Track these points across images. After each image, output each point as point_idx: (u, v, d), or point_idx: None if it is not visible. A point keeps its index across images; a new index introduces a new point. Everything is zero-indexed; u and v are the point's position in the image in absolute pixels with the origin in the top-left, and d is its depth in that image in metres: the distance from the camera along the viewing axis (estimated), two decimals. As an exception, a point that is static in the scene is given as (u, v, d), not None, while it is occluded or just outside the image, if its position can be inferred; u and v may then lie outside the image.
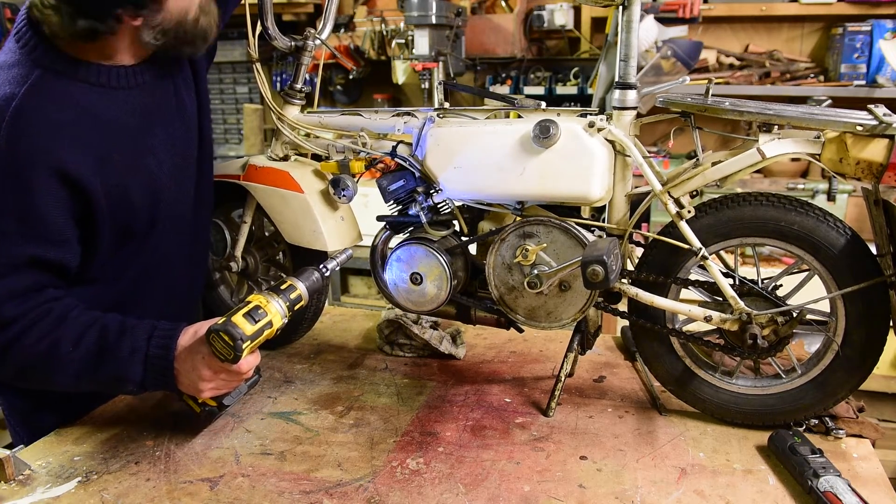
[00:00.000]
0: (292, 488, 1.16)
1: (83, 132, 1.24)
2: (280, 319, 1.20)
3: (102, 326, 1.23)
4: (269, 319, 1.18)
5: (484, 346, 1.73)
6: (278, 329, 1.21)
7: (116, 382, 1.24)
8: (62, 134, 1.21)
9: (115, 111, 1.30)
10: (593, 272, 1.14)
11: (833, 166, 1.15)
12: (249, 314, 1.16)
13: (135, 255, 1.39)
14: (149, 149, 1.36)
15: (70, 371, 1.22)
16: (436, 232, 1.39)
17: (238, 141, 4.14)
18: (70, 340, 1.21)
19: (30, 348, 1.20)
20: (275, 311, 1.19)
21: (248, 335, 1.15)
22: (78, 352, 1.21)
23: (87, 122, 1.25)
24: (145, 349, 1.21)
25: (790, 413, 1.27)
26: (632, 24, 1.23)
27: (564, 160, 1.24)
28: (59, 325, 1.21)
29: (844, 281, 1.19)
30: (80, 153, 1.22)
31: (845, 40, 3.01)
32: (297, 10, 3.67)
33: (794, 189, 2.89)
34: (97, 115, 1.26)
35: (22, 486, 1.17)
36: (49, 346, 1.20)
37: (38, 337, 1.20)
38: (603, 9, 3.24)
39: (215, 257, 1.67)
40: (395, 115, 1.41)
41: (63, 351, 1.20)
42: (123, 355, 1.21)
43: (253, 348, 1.18)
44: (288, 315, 1.21)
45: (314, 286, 1.26)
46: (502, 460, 1.23)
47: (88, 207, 1.25)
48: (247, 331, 1.15)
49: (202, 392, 1.22)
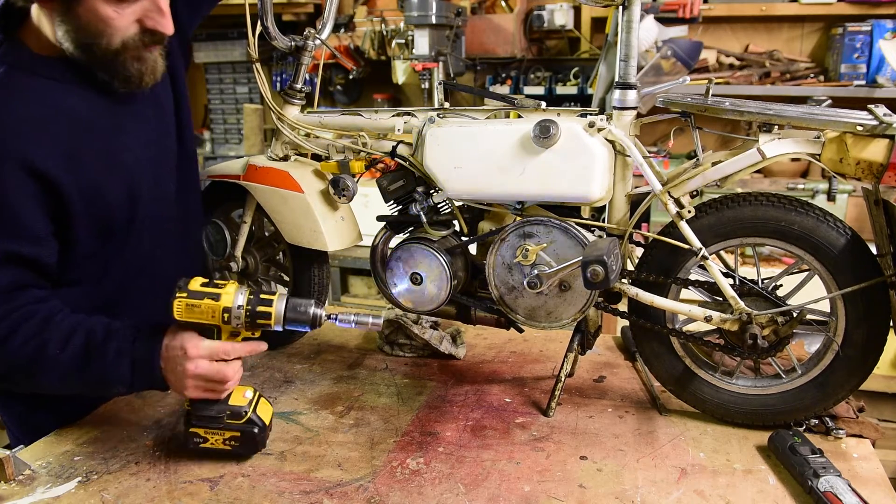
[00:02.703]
0: (292, 488, 1.16)
1: (51, 128, 1.24)
2: (230, 301, 1.16)
3: (89, 329, 1.22)
4: (219, 293, 1.16)
5: (484, 346, 1.73)
6: (225, 314, 1.16)
7: (104, 384, 1.23)
8: (29, 129, 1.21)
9: (84, 108, 1.29)
10: (593, 272, 1.14)
11: (833, 166, 1.15)
12: (208, 283, 1.18)
13: (117, 254, 1.37)
14: (123, 145, 1.35)
15: (57, 373, 1.21)
16: (436, 232, 1.39)
17: (238, 141, 4.14)
18: (57, 343, 1.20)
19: (16, 350, 1.19)
20: (229, 293, 1.16)
21: (189, 288, 1.16)
22: (65, 354, 1.20)
23: (54, 118, 1.25)
24: (131, 350, 1.20)
25: (790, 413, 1.27)
26: (632, 24, 1.23)
27: (564, 160, 1.24)
28: (45, 327, 1.20)
29: (844, 281, 1.19)
30: (48, 149, 1.22)
31: (845, 40, 3.01)
32: (297, 10, 3.67)
33: (794, 189, 2.89)
34: (65, 111, 1.26)
35: (22, 486, 1.17)
36: (35, 348, 1.19)
37: (24, 339, 1.19)
38: (603, 9, 3.24)
39: (215, 257, 1.67)
40: (395, 115, 1.41)
41: (50, 353, 1.19)
42: (110, 357, 1.20)
43: (189, 304, 1.16)
44: (245, 309, 1.16)
45: (294, 313, 1.18)
46: (502, 460, 1.23)
47: (60, 203, 1.25)
48: (191, 286, 1.17)
49: (187, 389, 1.19)
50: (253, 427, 1.21)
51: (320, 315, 1.19)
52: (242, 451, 1.22)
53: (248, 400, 1.23)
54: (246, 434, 1.21)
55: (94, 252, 1.33)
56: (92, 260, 1.34)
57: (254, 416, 1.22)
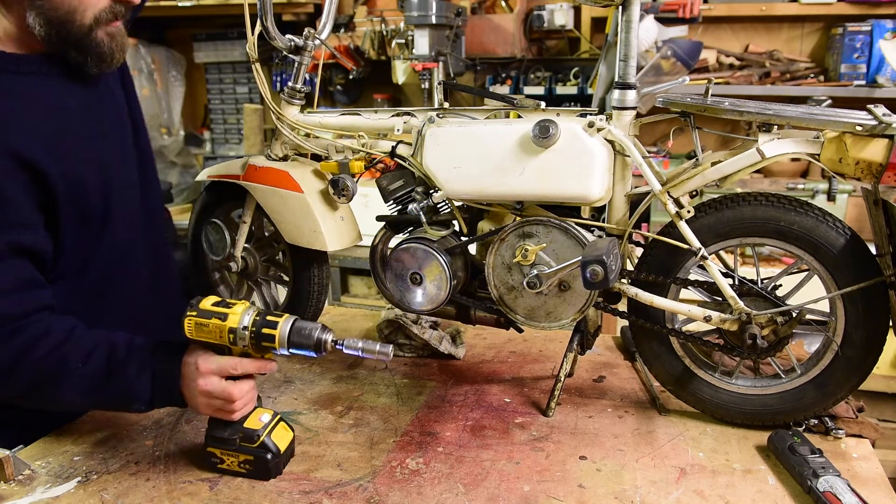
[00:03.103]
0: (292, 488, 1.16)
1: (31, 119, 1.26)
2: (236, 321, 1.15)
3: (111, 344, 1.22)
4: (227, 313, 1.16)
5: (484, 346, 1.73)
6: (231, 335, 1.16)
7: (124, 400, 1.22)
8: (12, 121, 1.23)
9: (58, 97, 1.32)
10: (593, 272, 1.14)
11: (833, 166, 1.15)
12: (219, 303, 1.18)
13: (95, 245, 1.38)
14: (95, 132, 1.37)
15: (78, 388, 1.20)
16: (435, 232, 1.39)
17: (238, 141, 4.14)
18: (78, 357, 1.19)
19: (37, 363, 1.18)
20: (237, 313, 1.16)
21: (200, 307, 1.17)
22: (87, 368, 1.19)
23: (33, 109, 1.27)
24: (152, 365, 1.20)
25: (790, 413, 1.28)
26: (631, 24, 1.23)
27: (564, 160, 1.24)
28: (66, 341, 1.20)
29: (844, 281, 1.19)
30: (32, 139, 1.24)
31: (845, 40, 3.01)
32: (297, 10, 3.66)
33: (794, 189, 2.89)
34: (41, 102, 1.29)
35: (22, 486, 1.17)
36: (58, 360, 1.19)
37: (46, 352, 1.18)
38: (603, 9, 3.23)
39: (215, 257, 1.67)
40: (394, 115, 1.41)
41: (72, 367, 1.19)
42: (132, 372, 1.20)
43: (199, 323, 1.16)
44: (250, 331, 1.16)
45: (298, 336, 1.16)
46: (502, 460, 1.23)
47: (48, 193, 1.26)
48: (202, 304, 1.18)
49: (199, 407, 1.19)
50: (266, 452, 1.18)
51: (325, 340, 1.17)
52: (256, 476, 1.19)
53: (263, 423, 1.20)
54: (259, 459, 1.18)
55: (76, 244, 1.34)
56: (73, 253, 1.35)
57: (267, 440, 1.19)
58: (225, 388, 1.17)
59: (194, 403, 1.20)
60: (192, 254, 1.75)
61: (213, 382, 1.17)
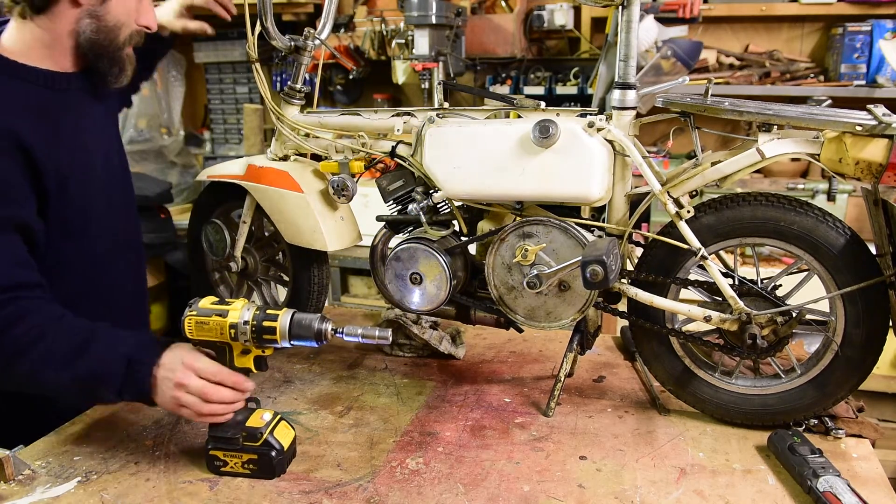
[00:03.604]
0: (292, 488, 1.16)
1: (34, 116, 1.33)
2: (236, 317, 1.16)
3: (94, 328, 1.23)
4: (227, 310, 1.17)
5: (484, 346, 1.73)
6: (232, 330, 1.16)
7: (94, 381, 1.20)
8: (16, 108, 1.32)
9: (57, 108, 1.40)
10: (593, 272, 1.14)
11: (833, 166, 1.15)
12: (218, 301, 1.20)
13: (73, 255, 1.42)
14: (83, 146, 1.44)
15: (52, 365, 1.19)
16: (435, 232, 1.39)
17: (238, 141, 4.13)
18: (59, 334, 1.21)
19: (18, 338, 1.19)
20: (237, 309, 1.17)
21: (199, 306, 1.19)
22: (64, 344, 1.20)
23: (35, 110, 1.34)
24: (129, 351, 1.19)
25: (790, 413, 1.28)
26: (632, 24, 1.23)
27: (564, 160, 1.24)
28: (50, 318, 1.22)
29: (844, 281, 1.19)
30: (32, 131, 1.31)
31: (845, 40, 3.00)
32: (297, 10, 3.66)
33: (794, 189, 2.88)
34: (43, 108, 1.36)
35: (22, 486, 1.17)
36: (36, 336, 1.19)
37: (27, 328, 1.19)
38: (603, 9, 3.23)
39: (215, 257, 1.67)
40: (394, 115, 1.41)
41: (49, 343, 1.20)
42: (107, 354, 1.20)
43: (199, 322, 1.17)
44: (251, 325, 1.16)
45: (299, 328, 1.17)
46: (502, 460, 1.23)
47: (40, 183, 1.31)
48: (202, 304, 1.19)
49: (167, 403, 1.18)
50: (270, 450, 1.18)
51: (325, 330, 1.17)
52: (261, 475, 1.19)
53: (265, 422, 1.20)
54: (263, 457, 1.18)
55: (56, 248, 1.37)
56: (51, 257, 1.37)
57: (271, 437, 1.19)
58: (203, 386, 1.16)
59: (165, 398, 1.18)
60: (192, 254, 1.75)
61: (191, 378, 1.16)
